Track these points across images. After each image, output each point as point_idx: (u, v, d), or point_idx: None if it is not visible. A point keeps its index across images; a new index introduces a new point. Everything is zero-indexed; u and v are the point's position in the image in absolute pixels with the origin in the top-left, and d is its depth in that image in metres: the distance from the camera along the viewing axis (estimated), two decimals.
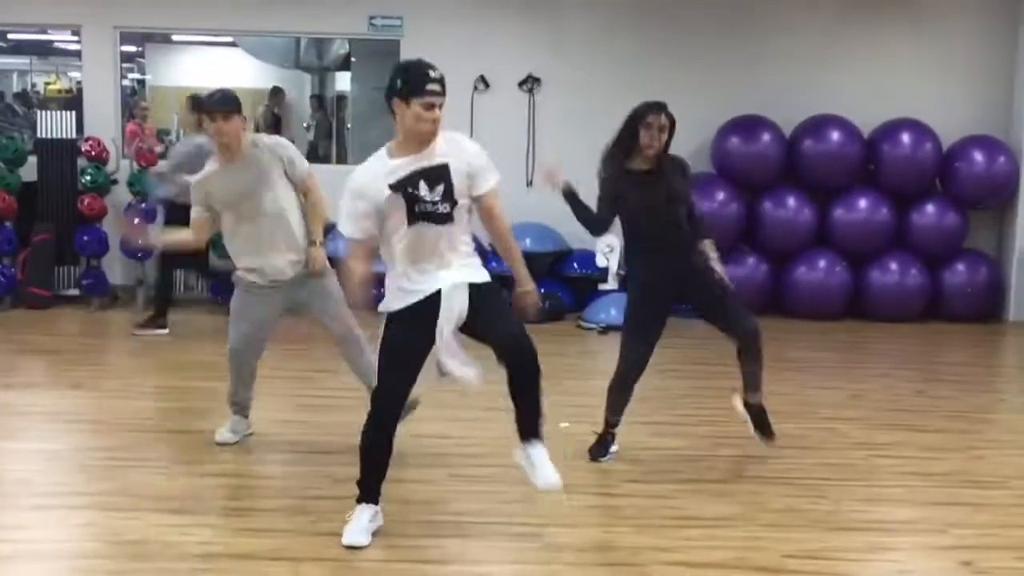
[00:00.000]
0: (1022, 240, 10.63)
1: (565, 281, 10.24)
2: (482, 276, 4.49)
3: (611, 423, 5.79)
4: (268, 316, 5.73)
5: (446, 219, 4.37)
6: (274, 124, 14.02)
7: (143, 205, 10.03)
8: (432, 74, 4.29)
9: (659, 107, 5.43)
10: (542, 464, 4.46)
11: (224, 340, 5.85)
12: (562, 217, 9.47)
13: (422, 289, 4.38)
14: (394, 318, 4.45)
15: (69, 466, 5.51)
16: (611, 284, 10.03)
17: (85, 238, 9.97)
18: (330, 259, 5.73)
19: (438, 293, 4.35)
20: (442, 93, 4.31)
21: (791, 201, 10.36)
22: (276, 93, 14.79)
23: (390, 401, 4.43)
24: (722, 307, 5.62)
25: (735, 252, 10.13)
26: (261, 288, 5.63)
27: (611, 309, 9.62)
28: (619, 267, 10.08)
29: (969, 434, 6.61)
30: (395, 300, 4.45)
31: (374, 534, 4.51)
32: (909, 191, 10.45)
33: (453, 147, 4.43)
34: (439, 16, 10.52)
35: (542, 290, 9.70)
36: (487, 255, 5.96)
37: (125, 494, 5.03)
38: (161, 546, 4.42)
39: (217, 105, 5.39)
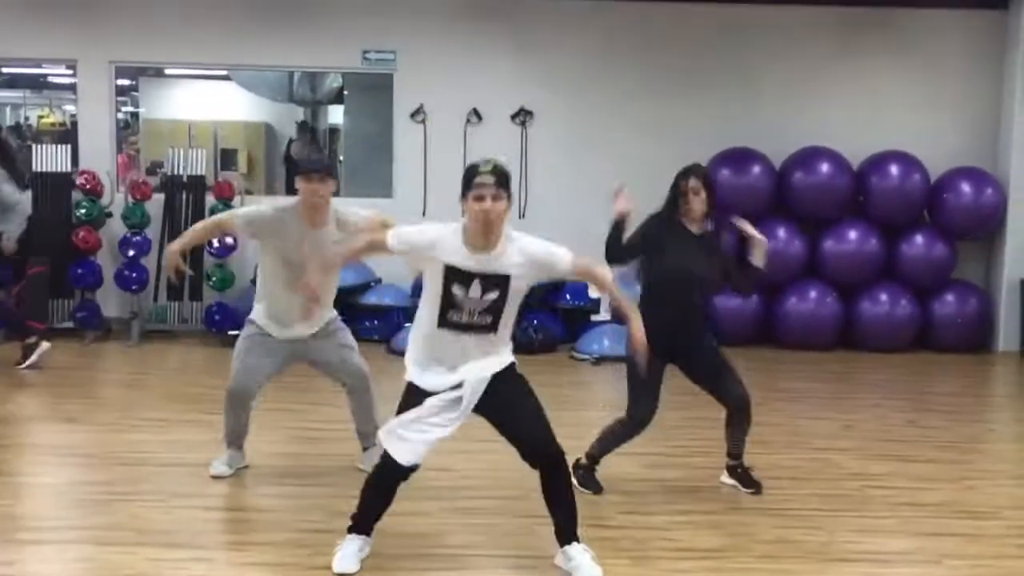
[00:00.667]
0: (1010, 270, 10.71)
1: (558, 312, 10.29)
2: (505, 361, 4.57)
3: (597, 459, 5.86)
4: (275, 366, 5.82)
5: (486, 330, 4.46)
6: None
7: (136, 238, 10.10)
8: (482, 168, 4.35)
9: (689, 171, 5.60)
10: (583, 564, 4.52)
11: (218, 372, 5.83)
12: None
13: (445, 381, 4.45)
14: (415, 390, 4.49)
15: (64, 500, 5.50)
16: (603, 315, 10.08)
17: (80, 271, 10.02)
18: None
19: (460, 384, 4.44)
20: (495, 184, 4.31)
21: (781, 232, 10.42)
22: (305, 126, 15.04)
23: (403, 463, 4.44)
24: (719, 375, 5.74)
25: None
26: (274, 339, 5.72)
27: (604, 340, 9.68)
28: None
29: (961, 464, 6.64)
30: (418, 375, 4.51)
31: (364, 561, 4.57)
32: (898, 222, 10.54)
33: (516, 251, 4.44)
34: (432, 50, 10.62)
35: (535, 321, 9.87)
36: None
37: (121, 528, 5.02)
38: None
39: (315, 166, 5.53)
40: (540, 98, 10.64)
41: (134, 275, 10.07)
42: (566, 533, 4.58)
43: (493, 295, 4.38)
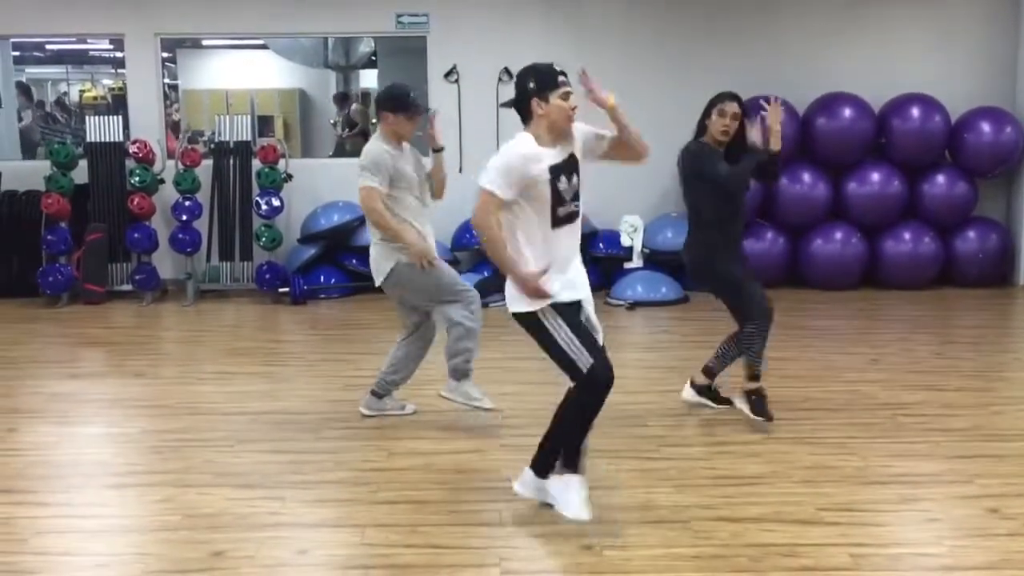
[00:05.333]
0: None
1: (592, 261, 10.48)
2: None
3: (756, 377, 6.06)
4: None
5: (578, 215, 4.64)
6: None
7: (188, 203, 10.41)
8: (558, 68, 4.54)
9: (732, 96, 5.82)
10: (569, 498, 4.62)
11: (270, 328, 5.74)
12: (587, 200, 9.83)
13: (570, 289, 4.55)
14: (564, 307, 4.52)
15: (141, 448, 5.76)
16: (636, 263, 10.32)
17: (136, 235, 10.31)
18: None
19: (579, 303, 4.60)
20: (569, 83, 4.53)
21: (806, 176, 10.61)
22: (367, 95, 15.31)
23: (609, 371, 4.52)
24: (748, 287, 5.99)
25: (754, 227, 10.43)
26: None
27: (637, 286, 9.97)
28: (643, 246, 10.36)
29: (987, 391, 6.83)
30: (558, 292, 4.50)
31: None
32: (920, 163, 10.68)
33: (572, 138, 4.64)
34: (463, 12, 10.80)
35: None
36: None
37: (196, 471, 5.29)
38: (235, 518, 4.67)
39: (422, 107, 6.00)
40: (568, 56, 10.68)
41: (187, 238, 10.35)
42: (543, 465, 4.68)
43: (576, 179, 4.59)
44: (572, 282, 4.58)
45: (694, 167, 5.88)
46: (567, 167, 4.56)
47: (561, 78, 4.50)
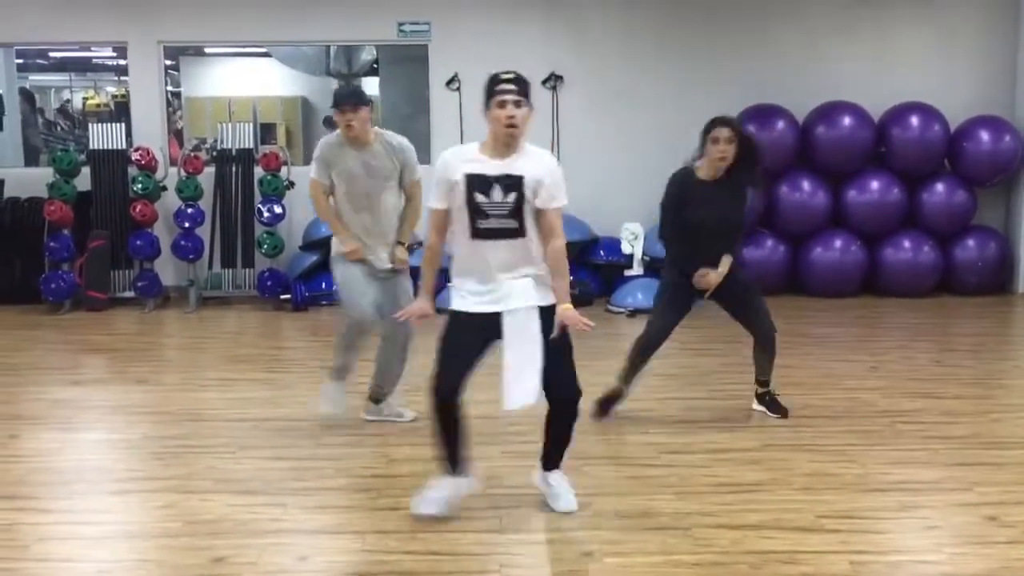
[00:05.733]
0: None
1: (593, 268, 10.57)
2: (548, 298, 4.57)
3: (622, 385, 6.23)
4: (375, 293, 6.07)
5: (516, 233, 4.50)
6: None
7: (190, 210, 10.42)
8: (503, 76, 4.42)
9: (723, 121, 5.80)
10: (563, 492, 4.81)
11: (272, 335, 5.83)
12: (588, 207, 9.92)
13: (487, 301, 4.53)
14: (457, 316, 4.59)
15: (142, 454, 5.75)
16: (636, 270, 10.33)
17: (138, 242, 10.33)
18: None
19: (499, 315, 4.50)
20: (516, 92, 4.37)
21: (806, 185, 10.63)
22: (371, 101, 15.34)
23: (446, 387, 4.53)
24: (748, 308, 6.10)
25: (754, 235, 10.45)
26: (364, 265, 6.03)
27: (637, 293, 9.96)
28: (644, 253, 10.38)
29: (986, 399, 6.86)
30: (460, 302, 4.60)
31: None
32: (919, 171, 10.70)
33: (532, 161, 4.50)
34: (465, 20, 10.82)
35: (571, 277, 10.09)
36: None
37: (197, 478, 5.29)
38: (236, 524, 4.68)
39: (346, 98, 5.90)
40: (569, 63, 10.83)
41: (190, 245, 10.36)
42: (553, 461, 4.84)
43: (512, 196, 4.43)
44: (488, 293, 4.54)
45: (665, 194, 6.06)
46: (498, 182, 4.45)
47: (500, 87, 4.39)
